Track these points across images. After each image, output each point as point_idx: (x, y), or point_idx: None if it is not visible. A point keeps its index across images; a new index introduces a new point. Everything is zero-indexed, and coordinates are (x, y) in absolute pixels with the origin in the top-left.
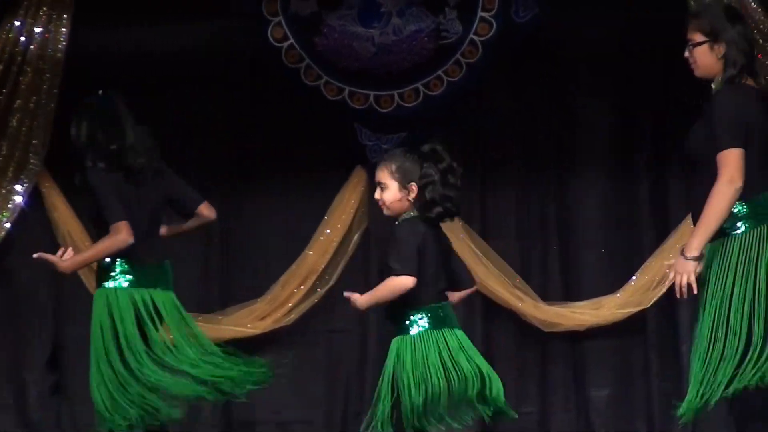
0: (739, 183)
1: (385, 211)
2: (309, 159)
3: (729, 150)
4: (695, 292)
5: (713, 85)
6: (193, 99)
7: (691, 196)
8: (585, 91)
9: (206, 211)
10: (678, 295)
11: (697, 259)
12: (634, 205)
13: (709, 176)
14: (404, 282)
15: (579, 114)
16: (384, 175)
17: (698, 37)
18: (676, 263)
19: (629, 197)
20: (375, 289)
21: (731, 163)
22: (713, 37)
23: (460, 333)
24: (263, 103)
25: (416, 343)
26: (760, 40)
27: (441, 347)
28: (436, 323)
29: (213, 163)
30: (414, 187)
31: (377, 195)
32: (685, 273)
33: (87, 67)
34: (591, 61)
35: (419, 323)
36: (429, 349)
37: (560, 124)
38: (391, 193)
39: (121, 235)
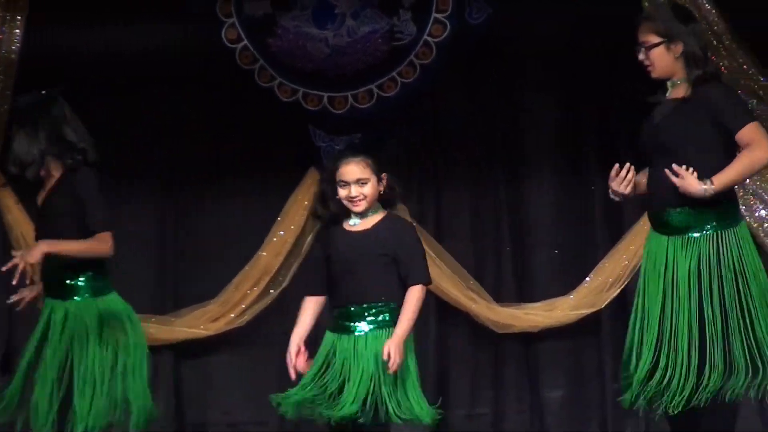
0: None
1: (361, 207)
2: (262, 160)
3: (755, 123)
4: (691, 189)
5: (669, 84)
6: (145, 100)
7: (662, 186)
8: (535, 90)
9: None
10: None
11: (707, 192)
12: (587, 205)
13: (686, 165)
14: (424, 292)
15: (530, 113)
16: (364, 171)
17: (653, 39)
18: (689, 182)
19: (582, 197)
20: (409, 310)
21: (763, 133)
22: (669, 38)
23: None
24: (217, 104)
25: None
26: (714, 41)
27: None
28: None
29: (166, 165)
30: (385, 177)
31: (355, 191)
32: (691, 189)
33: (41, 68)
34: (541, 59)
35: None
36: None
37: (512, 124)
38: (371, 187)
39: (108, 245)
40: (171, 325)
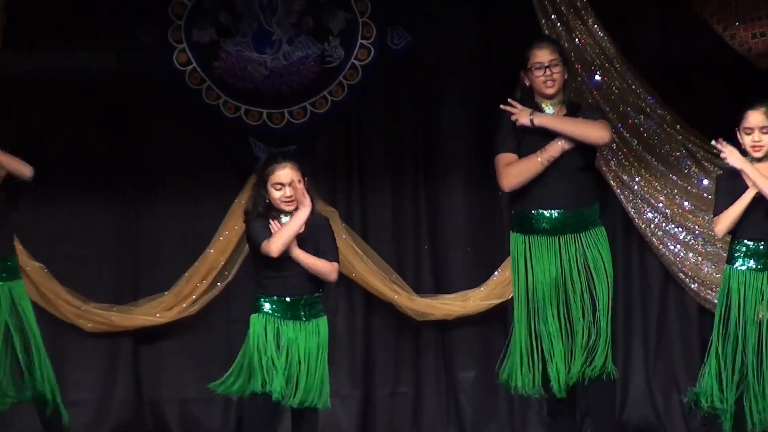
0: None
1: (293, 207)
2: (210, 169)
3: (604, 121)
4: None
5: (550, 104)
6: (109, 116)
7: (550, 192)
8: (450, 106)
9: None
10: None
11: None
12: (496, 208)
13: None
14: (336, 273)
15: (446, 127)
16: (296, 174)
17: (559, 57)
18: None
19: (491, 201)
20: (316, 259)
21: (605, 125)
22: (565, 59)
23: None
24: (171, 120)
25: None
26: (606, 64)
27: None
28: None
29: (125, 171)
30: (305, 181)
31: (290, 192)
32: (522, 120)
33: (16, 88)
34: (455, 79)
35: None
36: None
37: (429, 137)
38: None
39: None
40: (130, 314)
